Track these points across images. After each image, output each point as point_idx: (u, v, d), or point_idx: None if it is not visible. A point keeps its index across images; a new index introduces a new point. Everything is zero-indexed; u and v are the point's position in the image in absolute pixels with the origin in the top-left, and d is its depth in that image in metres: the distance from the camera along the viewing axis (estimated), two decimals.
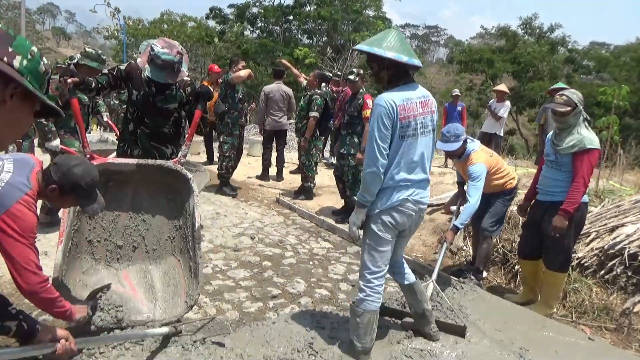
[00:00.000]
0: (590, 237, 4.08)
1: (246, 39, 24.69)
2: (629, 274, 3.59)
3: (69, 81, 3.05)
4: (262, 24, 27.20)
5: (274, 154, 7.85)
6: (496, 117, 8.38)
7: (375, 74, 2.49)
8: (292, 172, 8.26)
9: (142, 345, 2.43)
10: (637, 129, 18.85)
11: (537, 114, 9.29)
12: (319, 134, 6.85)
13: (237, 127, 6.49)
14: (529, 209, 3.73)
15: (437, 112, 2.59)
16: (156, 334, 2.45)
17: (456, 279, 3.78)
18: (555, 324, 3.29)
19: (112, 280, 2.90)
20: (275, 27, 27.00)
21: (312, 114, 6.32)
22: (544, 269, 3.55)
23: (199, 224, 2.82)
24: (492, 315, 3.24)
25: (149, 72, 3.38)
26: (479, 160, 3.70)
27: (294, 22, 26.72)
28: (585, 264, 3.85)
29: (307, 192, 6.63)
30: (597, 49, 32.94)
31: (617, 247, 3.73)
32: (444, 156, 9.42)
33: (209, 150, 8.87)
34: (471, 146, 3.80)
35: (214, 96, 6.47)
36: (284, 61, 8.30)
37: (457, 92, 9.94)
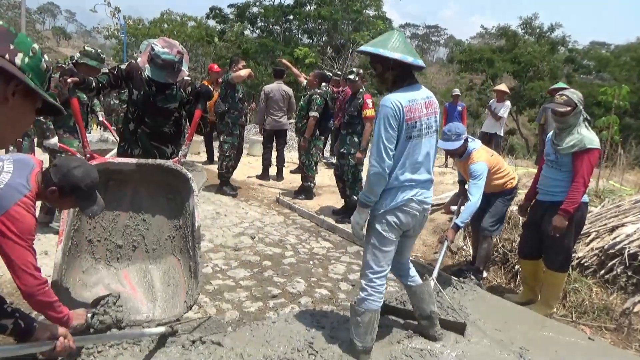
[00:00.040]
0: (590, 237, 4.08)
1: (246, 39, 24.67)
2: (629, 273, 3.59)
3: (68, 80, 3.03)
4: (263, 24, 27.19)
5: (274, 154, 7.85)
6: (496, 117, 8.38)
7: (379, 76, 2.48)
8: (292, 172, 8.26)
9: (140, 345, 2.43)
10: (638, 129, 18.84)
11: (537, 113, 9.29)
12: (319, 133, 6.85)
13: (237, 126, 6.48)
14: (529, 208, 3.73)
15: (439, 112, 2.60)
16: (153, 333, 2.44)
17: (456, 279, 3.78)
18: (555, 323, 3.29)
19: (111, 279, 2.90)
20: (275, 27, 26.98)
21: (312, 114, 6.32)
22: (544, 269, 3.55)
23: (198, 223, 2.82)
24: (492, 315, 3.24)
25: (149, 72, 3.38)
26: (480, 158, 3.70)
27: (294, 22, 26.70)
28: (585, 264, 3.85)
29: (307, 192, 6.63)
30: (597, 48, 32.93)
31: (617, 247, 3.73)
32: (444, 156, 9.42)
33: (209, 149, 8.87)
34: (472, 145, 3.81)
35: (214, 96, 6.47)
36: (284, 61, 8.30)
37: (457, 91, 9.94)
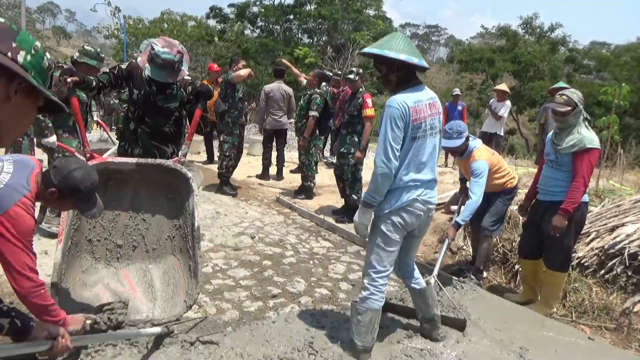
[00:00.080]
0: (590, 237, 4.08)
1: (246, 38, 24.66)
2: (629, 273, 3.59)
3: (68, 80, 3.03)
4: (263, 23, 27.19)
5: (274, 153, 7.85)
6: (496, 116, 8.38)
7: (383, 77, 2.48)
8: (292, 172, 8.26)
9: (138, 345, 2.41)
10: (638, 129, 18.85)
11: (538, 113, 9.29)
12: (319, 133, 6.85)
13: (238, 126, 6.48)
14: (529, 208, 3.73)
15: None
16: (149, 333, 2.43)
17: (456, 279, 3.78)
18: (555, 323, 3.29)
19: (111, 279, 2.90)
20: (275, 27, 26.98)
21: (312, 114, 6.32)
22: (544, 269, 3.55)
23: (198, 223, 2.82)
24: (492, 314, 3.24)
25: (149, 71, 3.38)
26: (481, 157, 3.71)
27: (294, 22, 26.70)
28: (585, 264, 3.85)
29: (307, 192, 6.63)
30: (597, 48, 32.94)
31: (617, 247, 3.73)
32: (444, 155, 9.42)
33: (209, 149, 8.87)
34: (473, 144, 3.82)
35: (214, 95, 6.47)
36: (284, 61, 8.30)
37: (457, 91, 9.95)
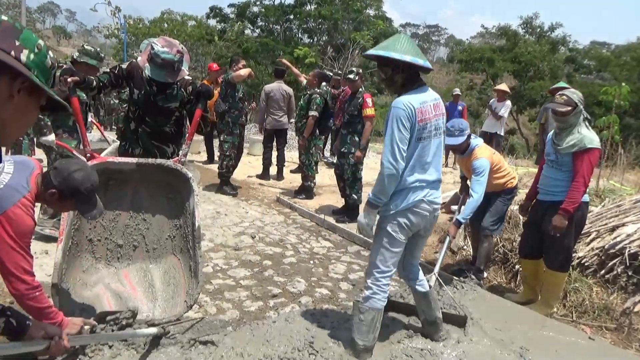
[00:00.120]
0: (590, 237, 4.08)
1: (247, 38, 24.67)
2: (630, 273, 3.59)
3: (69, 80, 3.03)
4: (263, 23, 27.20)
5: (275, 153, 7.85)
6: (497, 116, 8.38)
7: (388, 79, 2.48)
8: (292, 172, 8.26)
9: (135, 346, 2.41)
10: (638, 129, 18.84)
11: (538, 113, 9.29)
12: (319, 133, 6.85)
13: (238, 126, 6.48)
14: (529, 208, 3.73)
15: None
16: (145, 334, 2.42)
17: (457, 279, 3.78)
18: (555, 323, 3.29)
19: (112, 279, 2.90)
20: (275, 26, 27.00)
21: (311, 113, 6.32)
22: (544, 269, 3.55)
23: (199, 223, 2.82)
24: (492, 314, 3.24)
25: (148, 71, 3.38)
26: (482, 155, 3.72)
27: (294, 21, 26.71)
28: (585, 264, 3.85)
29: (307, 191, 6.63)
30: (597, 48, 32.96)
31: (617, 247, 3.73)
32: (444, 155, 9.41)
33: (209, 149, 8.87)
34: (475, 142, 3.83)
35: (215, 95, 6.47)
36: (284, 61, 8.29)
37: (457, 91, 9.96)
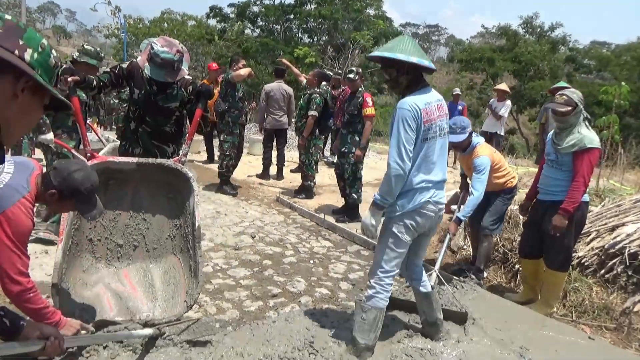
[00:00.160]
0: (590, 237, 4.08)
1: (247, 38, 24.69)
2: (629, 273, 3.59)
3: (69, 79, 3.03)
4: (263, 23, 27.21)
5: (275, 153, 7.85)
6: (497, 116, 8.38)
7: (393, 80, 2.48)
8: (292, 171, 8.26)
9: (132, 348, 2.40)
10: (638, 128, 18.85)
11: (538, 113, 9.29)
12: (319, 132, 6.85)
13: (238, 125, 6.48)
14: (529, 208, 3.73)
15: None
16: (140, 335, 2.42)
17: (457, 278, 3.78)
18: (555, 323, 3.29)
19: (112, 278, 2.90)
20: (275, 26, 27.01)
21: (311, 113, 6.32)
22: (544, 268, 3.55)
23: (199, 222, 2.82)
24: (492, 314, 3.24)
25: (148, 71, 3.38)
26: (483, 153, 3.73)
27: (294, 21, 26.72)
28: (585, 263, 3.85)
29: (307, 191, 6.63)
30: (597, 48, 32.98)
31: (617, 247, 3.73)
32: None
33: (209, 149, 8.87)
34: (476, 140, 3.84)
35: (215, 95, 6.47)
36: (284, 60, 8.30)
37: (457, 91, 9.96)
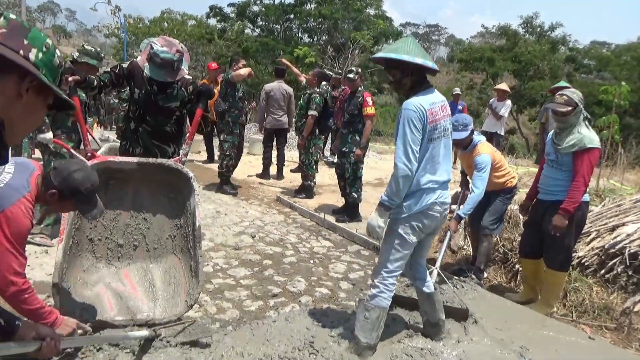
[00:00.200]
0: (590, 237, 4.08)
1: (247, 37, 24.68)
2: (630, 273, 3.59)
3: (70, 79, 3.03)
4: (263, 23, 27.19)
5: (275, 153, 7.85)
6: (497, 116, 8.38)
7: (397, 81, 2.49)
8: (292, 171, 8.26)
9: (130, 349, 2.40)
10: (638, 128, 18.84)
11: (538, 112, 9.30)
12: (319, 132, 6.84)
13: (238, 125, 6.48)
14: (530, 208, 3.74)
15: None
16: (136, 336, 2.41)
17: (457, 278, 3.78)
18: (555, 323, 3.29)
19: (112, 278, 2.90)
20: (275, 26, 26.99)
21: (311, 113, 6.32)
22: (544, 268, 3.55)
23: (199, 222, 2.82)
24: (492, 314, 3.24)
25: (148, 71, 3.38)
26: (485, 151, 3.75)
27: (294, 21, 26.69)
28: (585, 263, 3.86)
29: (307, 191, 6.63)
30: (597, 48, 32.96)
31: (617, 247, 3.74)
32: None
33: (209, 148, 8.87)
34: (478, 138, 3.85)
35: (215, 94, 6.47)
36: (284, 60, 8.29)
37: (457, 90, 9.97)
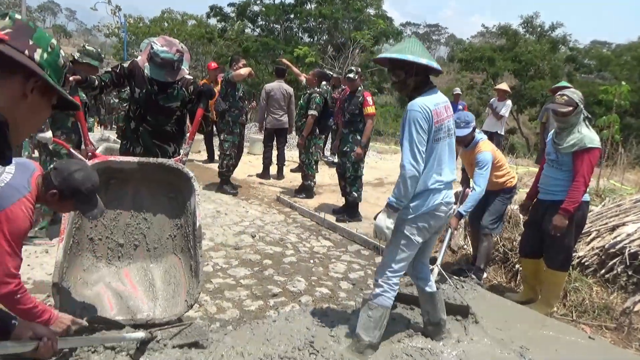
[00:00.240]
0: (590, 236, 4.08)
1: (247, 37, 24.68)
2: (630, 273, 3.59)
3: (71, 79, 3.04)
4: (263, 22, 27.17)
5: (275, 152, 7.85)
6: (497, 115, 8.38)
7: (400, 82, 2.49)
8: (292, 171, 8.26)
9: (128, 350, 2.40)
10: (638, 128, 18.84)
11: (538, 112, 9.29)
12: (319, 132, 6.84)
13: (238, 125, 6.48)
14: (530, 207, 3.74)
15: None
16: (132, 338, 2.41)
17: (457, 278, 3.78)
18: (555, 322, 3.29)
19: (112, 278, 2.90)
20: (276, 26, 26.96)
21: (311, 112, 6.32)
22: (544, 268, 3.55)
23: (199, 222, 2.82)
24: (492, 314, 3.24)
25: (148, 70, 3.38)
26: (486, 149, 3.76)
27: (295, 21, 26.67)
28: (585, 263, 3.86)
29: (307, 191, 6.64)
30: (598, 47, 32.94)
31: (617, 246, 3.73)
32: None
33: (209, 148, 8.87)
34: (479, 136, 3.86)
35: (215, 94, 6.47)
36: (284, 60, 8.29)
37: (458, 90, 9.98)
